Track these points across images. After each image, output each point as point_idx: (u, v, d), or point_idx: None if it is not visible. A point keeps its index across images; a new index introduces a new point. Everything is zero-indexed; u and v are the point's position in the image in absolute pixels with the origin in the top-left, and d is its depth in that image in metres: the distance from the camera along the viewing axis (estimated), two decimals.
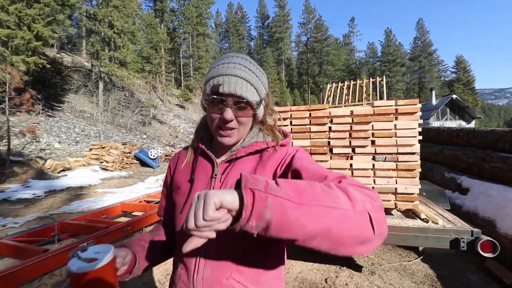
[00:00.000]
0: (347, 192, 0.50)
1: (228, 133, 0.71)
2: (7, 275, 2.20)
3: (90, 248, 0.58)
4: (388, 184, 2.45)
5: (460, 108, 27.20)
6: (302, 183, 0.50)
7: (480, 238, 2.05)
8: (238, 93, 0.66)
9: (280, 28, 59.32)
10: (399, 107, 2.41)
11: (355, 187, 0.53)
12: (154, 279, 2.81)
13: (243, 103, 0.68)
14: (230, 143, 0.73)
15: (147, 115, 22.84)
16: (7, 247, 2.76)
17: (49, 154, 11.47)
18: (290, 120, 2.80)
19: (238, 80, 0.67)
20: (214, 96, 0.68)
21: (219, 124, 0.71)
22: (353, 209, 0.48)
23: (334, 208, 0.46)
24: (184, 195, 0.77)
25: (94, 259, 0.54)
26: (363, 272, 2.89)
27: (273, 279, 0.73)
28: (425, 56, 56.87)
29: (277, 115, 0.87)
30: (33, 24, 13.57)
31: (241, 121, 0.71)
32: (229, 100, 0.67)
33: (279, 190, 0.45)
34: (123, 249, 0.69)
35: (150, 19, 30.11)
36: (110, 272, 0.57)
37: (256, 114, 0.74)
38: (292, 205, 0.44)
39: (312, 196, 0.47)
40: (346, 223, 0.47)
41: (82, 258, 0.55)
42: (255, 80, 0.70)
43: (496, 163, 3.82)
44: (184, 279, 0.71)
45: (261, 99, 0.73)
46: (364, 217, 0.48)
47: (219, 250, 0.68)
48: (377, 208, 0.50)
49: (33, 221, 4.87)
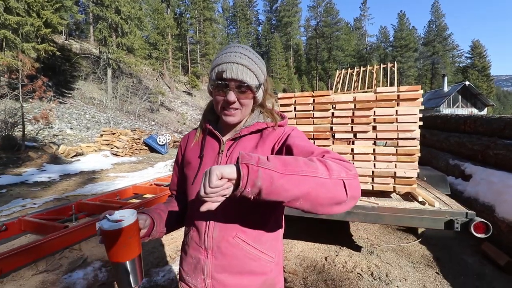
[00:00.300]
0: (326, 164, 0.61)
1: (232, 113, 0.82)
2: (33, 248, 2.41)
3: (116, 212, 0.71)
4: (388, 168, 2.54)
5: (473, 95, 26.46)
6: (289, 158, 0.62)
7: (474, 219, 2.14)
8: (239, 78, 0.77)
9: (288, 12, 57.83)
10: (401, 93, 2.46)
11: (334, 159, 0.65)
12: (166, 254, 3.02)
13: (244, 87, 0.79)
14: (234, 121, 0.84)
15: (155, 102, 23.07)
16: (30, 224, 3.00)
17: (62, 140, 11.84)
18: (294, 106, 2.88)
19: (239, 67, 0.77)
20: (219, 81, 0.79)
21: (223, 105, 0.82)
22: (329, 177, 0.59)
23: (312, 177, 0.58)
24: (194, 169, 0.89)
25: (120, 220, 0.67)
26: (362, 251, 3.03)
27: (272, 239, 0.86)
28: (440, 40, 54.83)
29: (274, 100, 0.97)
30: (42, 10, 13.69)
31: (242, 103, 0.82)
32: (231, 84, 0.78)
33: (268, 164, 0.58)
34: (143, 215, 0.82)
35: (156, 4, 29.80)
36: (134, 231, 0.69)
37: (256, 97, 0.84)
38: (278, 175, 0.57)
39: (295, 168, 0.59)
40: (323, 188, 0.59)
41: (111, 219, 0.67)
42: (255, 67, 0.80)
43: (500, 150, 3.84)
44: (196, 240, 0.84)
45: (260, 84, 0.84)
46: (339, 183, 0.60)
47: (226, 215, 0.80)
48: (351, 176, 0.62)
49: (50, 202, 5.15)
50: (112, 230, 0.64)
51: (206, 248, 0.81)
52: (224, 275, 0.80)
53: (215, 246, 0.80)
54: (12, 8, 12.78)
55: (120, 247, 0.66)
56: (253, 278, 0.81)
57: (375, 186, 2.62)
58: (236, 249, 0.80)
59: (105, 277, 2.58)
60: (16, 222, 3.03)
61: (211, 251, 0.81)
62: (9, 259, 2.24)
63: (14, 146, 9.16)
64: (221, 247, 0.80)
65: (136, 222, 0.71)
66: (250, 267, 0.81)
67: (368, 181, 2.64)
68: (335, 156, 0.67)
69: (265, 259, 0.83)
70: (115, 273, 0.69)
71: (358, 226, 3.78)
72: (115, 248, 0.66)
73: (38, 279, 2.51)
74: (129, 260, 0.67)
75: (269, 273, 0.84)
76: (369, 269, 2.69)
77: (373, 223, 2.78)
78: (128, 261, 0.67)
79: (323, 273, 2.65)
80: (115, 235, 0.65)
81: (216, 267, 0.80)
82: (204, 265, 0.82)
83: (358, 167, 2.63)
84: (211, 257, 0.81)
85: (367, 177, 2.64)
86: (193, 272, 0.84)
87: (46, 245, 2.54)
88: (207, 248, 0.81)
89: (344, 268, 2.73)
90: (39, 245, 2.48)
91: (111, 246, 0.65)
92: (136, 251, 0.69)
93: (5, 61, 11.42)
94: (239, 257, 0.80)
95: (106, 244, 0.66)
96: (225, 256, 0.80)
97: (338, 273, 2.64)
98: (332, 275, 2.61)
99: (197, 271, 0.83)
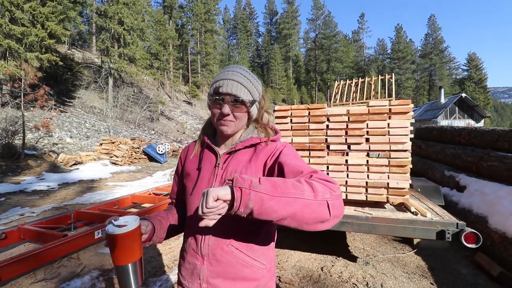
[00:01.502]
0: (312, 186, 0.69)
1: (226, 123, 0.90)
2: (32, 256, 2.45)
3: (121, 217, 0.78)
4: (381, 179, 2.61)
5: (469, 107, 26.76)
6: (279, 180, 0.70)
7: (464, 230, 2.19)
8: (233, 93, 0.85)
9: (288, 24, 59.05)
10: (392, 107, 2.56)
11: (320, 180, 0.73)
12: (163, 264, 3.04)
13: (238, 101, 0.87)
14: (228, 132, 0.91)
15: (155, 111, 23.26)
16: (30, 232, 3.03)
17: (61, 148, 11.90)
18: (291, 118, 2.97)
19: (235, 83, 0.86)
20: (216, 96, 0.88)
21: (219, 117, 0.90)
22: (314, 198, 0.67)
23: (299, 198, 0.66)
24: (193, 181, 0.96)
25: (124, 225, 0.74)
26: (358, 262, 3.06)
27: (264, 247, 0.92)
28: (436, 53, 55.80)
29: (271, 117, 1.06)
30: (46, 22, 13.98)
31: (236, 116, 0.89)
32: (227, 98, 0.86)
33: (259, 187, 0.65)
34: (145, 221, 0.89)
35: (159, 16, 30.41)
36: (136, 235, 0.76)
37: (250, 112, 0.92)
38: (268, 197, 0.64)
39: (284, 190, 0.66)
40: (308, 209, 0.67)
41: (115, 224, 0.74)
42: (249, 85, 0.89)
43: (493, 162, 3.92)
44: (194, 247, 0.91)
45: (254, 100, 0.91)
46: (323, 204, 0.68)
47: (221, 226, 0.85)
48: (334, 196, 0.70)
49: (49, 211, 5.17)
50: (117, 234, 0.71)
51: (203, 255, 0.88)
52: (219, 281, 0.86)
53: (211, 253, 0.87)
54: (17, 18, 13.07)
55: (123, 250, 0.72)
56: (246, 284, 0.87)
57: (368, 196, 2.68)
58: (230, 256, 0.86)
59: (102, 286, 2.60)
60: (16, 230, 3.07)
61: (207, 258, 0.87)
62: (8, 267, 2.28)
63: (13, 154, 9.21)
64: (216, 254, 0.86)
65: (139, 227, 0.77)
66: (243, 273, 0.87)
67: (362, 192, 2.70)
68: (321, 177, 0.75)
69: (257, 266, 0.89)
70: (118, 275, 0.75)
71: (355, 237, 3.81)
72: (119, 251, 0.72)
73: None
74: (131, 262, 0.74)
75: (260, 279, 0.90)
76: (364, 279, 2.72)
77: (367, 233, 2.83)
78: (130, 263, 0.73)
79: (318, 283, 2.67)
80: (119, 239, 0.71)
81: (211, 273, 0.87)
82: (200, 271, 0.88)
83: (352, 177, 2.70)
84: (207, 263, 0.87)
85: (361, 187, 2.70)
86: (190, 277, 0.91)
87: (45, 254, 2.57)
88: (203, 255, 0.87)
89: (339, 278, 2.75)
90: (38, 253, 2.52)
91: (115, 249, 0.72)
92: (137, 254, 0.75)
93: (8, 70, 11.60)
94: (232, 264, 0.86)
95: (111, 247, 0.73)
96: (219, 263, 0.86)
97: (334, 283, 2.66)
98: (327, 285, 2.63)
99: (194, 276, 0.89)
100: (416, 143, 7.50)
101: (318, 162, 2.84)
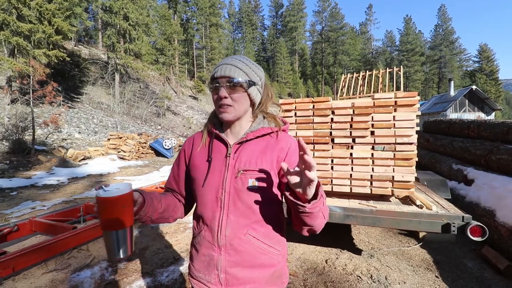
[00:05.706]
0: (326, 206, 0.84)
1: (225, 109, 0.89)
2: (43, 247, 2.53)
3: (111, 184, 0.73)
4: (386, 172, 2.59)
5: (480, 100, 26.12)
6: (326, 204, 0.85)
7: (470, 223, 2.17)
8: (227, 74, 0.86)
9: (294, 17, 58.28)
10: (398, 99, 2.52)
11: None
12: (170, 256, 3.10)
13: (233, 82, 0.86)
14: (228, 118, 0.90)
15: (161, 107, 23.41)
16: (41, 225, 3.12)
17: (70, 144, 12.10)
18: (295, 112, 2.96)
19: (228, 66, 0.87)
20: (212, 81, 0.89)
21: (218, 103, 0.90)
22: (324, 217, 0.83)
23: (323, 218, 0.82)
24: (203, 173, 0.94)
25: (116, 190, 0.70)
26: (363, 255, 3.07)
27: (278, 235, 0.95)
28: (446, 44, 54.48)
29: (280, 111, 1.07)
30: (53, 18, 14.09)
31: (234, 98, 0.88)
32: (222, 80, 0.87)
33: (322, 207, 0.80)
34: (137, 192, 0.84)
35: (163, 11, 30.36)
36: (128, 201, 0.72)
37: (250, 94, 0.91)
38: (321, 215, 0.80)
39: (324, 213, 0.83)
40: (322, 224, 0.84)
41: (106, 190, 0.70)
42: (245, 67, 0.89)
43: (502, 155, 3.85)
44: (209, 239, 0.91)
45: (252, 81, 0.90)
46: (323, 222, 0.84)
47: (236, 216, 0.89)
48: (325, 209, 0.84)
49: (59, 205, 5.29)
50: (108, 197, 0.67)
51: (220, 246, 0.88)
52: (237, 269, 0.88)
53: (228, 244, 0.87)
54: (24, 15, 13.21)
55: (113, 215, 0.69)
56: (263, 271, 0.90)
57: (373, 190, 2.67)
58: (248, 245, 0.88)
59: (111, 277, 2.68)
60: (27, 223, 3.16)
61: (224, 248, 0.88)
62: (21, 258, 2.36)
63: (24, 150, 9.42)
64: (233, 244, 0.87)
65: (131, 193, 0.74)
66: (260, 261, 0.89)
67: (367, 185, 2.69)
68: None
69: (273, 252, 0.91)
70: (106, 242, 0.71)
71: (360, 230, 3.81)
72: (109, 216, 0.69)
73: (48, 278, 2.62)
74: (121, 229, 0.70)
75: (277, 264, 0.92)
76: (369, 271, 2.73)
77: (371, 226, 2.83)
78: (120, 230, 0.70)
79: (323, 275, 2.69)
80: (110, 203, 0.68)
81: (229, 263, 0.88)
82: (218, 262, 0.88)
83: (357, 171, 2.69)
84: (225, 254, 0.88)
85: (365, 181, 2.69)
86: (207, 269, 0.91)
87: (56, 245, 2.66)
88: (221, 246, 0.88)
89: (344, 270, 2.77)
90: (49, 245, 2.60)
91: (105, 214, 0.69)
92: (129, 221, 0.72)
93: (17, 67, 11.78)
94: (251, 252, 0.88)
95: (101, 211, 0.69)
96: (238, 252, 0.87)
97: (338, 276, 2.68)
98: (331, 277, 2.65)
99: (210, 268, 0.90)
100: (424, 136, 7.39)
101: (323, 156, 2.84)
